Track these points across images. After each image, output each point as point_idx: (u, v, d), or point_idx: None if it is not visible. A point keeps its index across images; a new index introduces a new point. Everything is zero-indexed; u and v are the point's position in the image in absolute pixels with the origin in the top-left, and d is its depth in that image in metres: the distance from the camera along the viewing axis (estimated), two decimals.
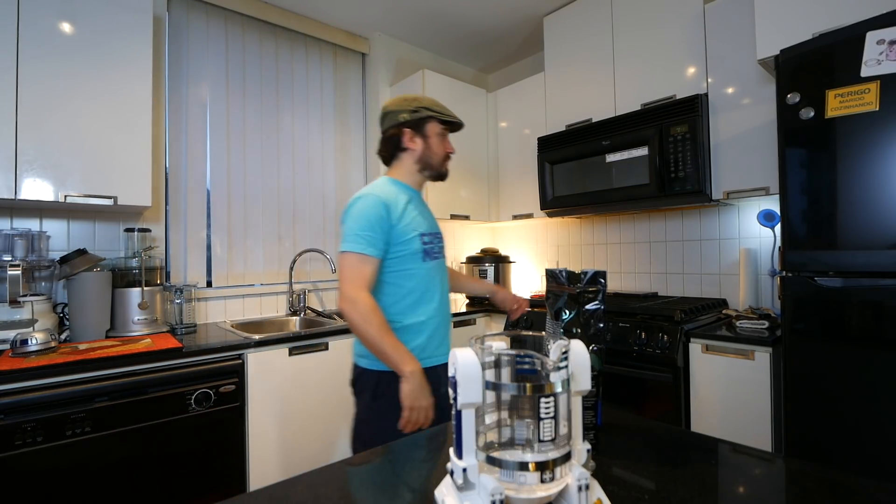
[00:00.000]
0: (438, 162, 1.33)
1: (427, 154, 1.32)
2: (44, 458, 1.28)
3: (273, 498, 0.61)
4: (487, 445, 0.51)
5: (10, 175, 1.50)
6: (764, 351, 1.51)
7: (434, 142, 1.32)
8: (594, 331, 0.69)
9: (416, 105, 1.31)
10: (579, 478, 0.48)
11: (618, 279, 2.58)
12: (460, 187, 2.78)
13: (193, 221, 2.20)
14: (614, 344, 1.80)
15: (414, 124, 1.31)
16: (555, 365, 0.48)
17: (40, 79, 1.55)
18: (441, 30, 2.77)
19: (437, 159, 1.33)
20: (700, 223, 2.24)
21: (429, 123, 1.31)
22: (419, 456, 0.75)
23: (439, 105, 1.34)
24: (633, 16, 2.18)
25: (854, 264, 1.23)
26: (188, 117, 2.19)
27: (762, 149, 1.77)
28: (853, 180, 1.22)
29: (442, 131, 1.33)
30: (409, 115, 1.30)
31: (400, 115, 1.30)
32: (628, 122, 2.08)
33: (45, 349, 1.43)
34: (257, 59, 2.43)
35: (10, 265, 1.51)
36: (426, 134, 1.31)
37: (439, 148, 1.33)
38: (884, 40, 1.17)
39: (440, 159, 1.33)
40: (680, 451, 0.74)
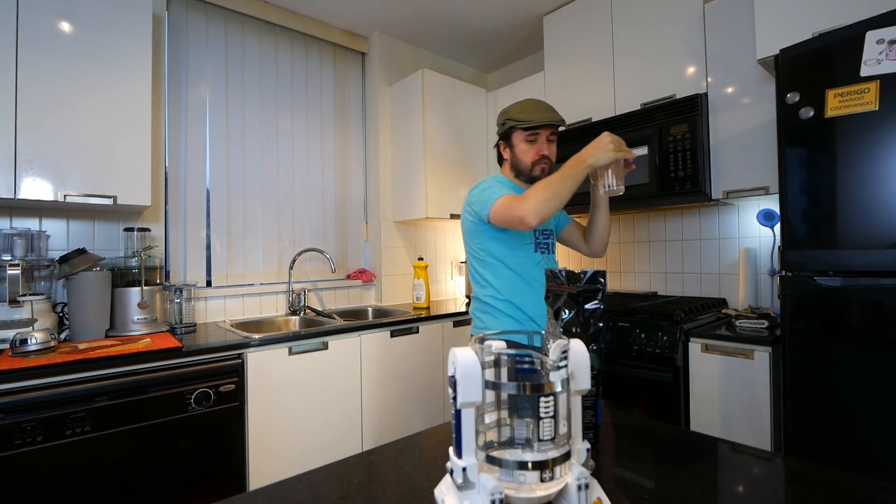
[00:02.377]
0: (526, 167, 1.39)
1: (515, 161, 1.42)
2: (43, 457, 1.28)
3: (273, 498, 0.61)
4: (487, 445, 0.51)
5: (10, 174, 1.50)
6: (763, 350, 1.51)
7: (520, 149, 1.40)
8: (594, 330, 0.69)
9: (504, 118, 1.41)
10: (579, 477, 0.48)
11: (618, 279, 2.58)
12: (460, 187, 2.78)
13: (193, 221, 2.20)
14: (614, 344, 1.80)
15: (503, 136, 1.44)
16: (554, 364, 0.48)
17: (39, 78, 1.55)
18: (441, 29, 2.77)
19: (525, 165, 1.40)
20: (700, 223, 2.25)
21: (514, 133, 1.40)
22: (419, 455, 0.75)
23: (525, 111, 1.37)
24: (632, 15, 2.18)
25: (854, 264, 1.23)
26: (188, 117, 2.19)
27: (762, 148, 1.77)
28: (853, 180, 1.22)
29: (528, 137, 1.38)
30: (500, 129, 1.44)
31: (497, 130, 1.47)
32: (628, 122, 2.08)
33: (44, 349, 1.43)
34: (257, 59, 2.42)
35: (9, 265, 1.51)
36: (512, 143, 1.41)
37: (525, 154, 1.39)
38: (884, 40, 1.17)
39: (527, 165, 1.39)
40: (680, 450, 0.74)
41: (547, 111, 1.38)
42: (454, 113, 2.75)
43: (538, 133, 1.37)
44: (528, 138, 1.38)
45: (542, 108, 1.38)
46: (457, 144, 2.77)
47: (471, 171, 2.85)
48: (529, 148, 1.38)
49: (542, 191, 1.19)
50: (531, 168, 1.39)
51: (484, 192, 1.34)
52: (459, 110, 2.79)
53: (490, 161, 2.97)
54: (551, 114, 1.37)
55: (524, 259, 1.37)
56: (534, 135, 1.37)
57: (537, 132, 1.37)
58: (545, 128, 1.38)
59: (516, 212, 1.21)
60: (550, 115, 1.37)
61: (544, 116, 1.36)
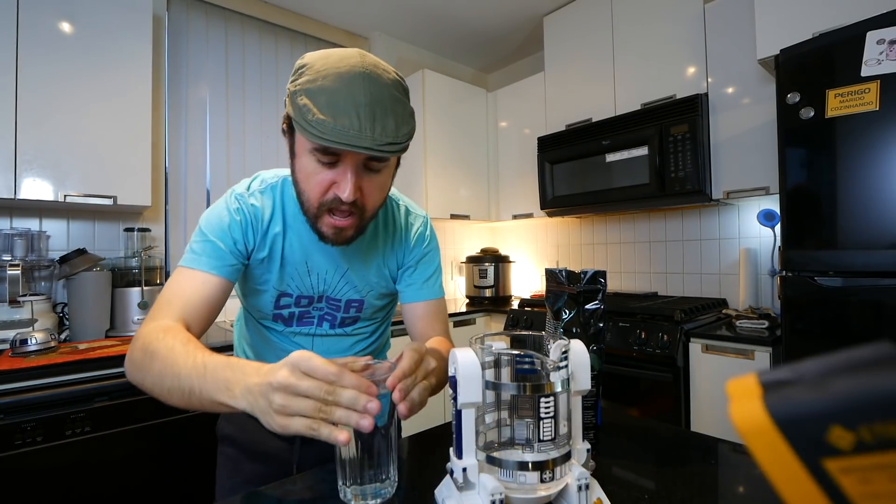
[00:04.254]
0: (310, 205, 0.69)
1: (295, 180, 0.71)
2: (44, 457, 1.28)
3: (273, 498, 0.61)
4: (487, 445, 0.51)
5: (10, 175, 1.50)
6: (764, 351, 1.51)
7: (302, 164, 0.68)
8: (594, 331, 0.69)
9: (291, 83, 0.66)
10: (579, 477, 0.48)
11: (618, 279, 2.58)
12: (460, 187, 2.78)
13: (193, 221, 2.19)
14: (614, 344, 1.80)
15: (287, 121, 0.69)
16: (555, 365, 0.48)
17: (40, 78, 1.55)
18: (441, 29, 2.77)
19: (308, 199, 0.69)
20: (700, 223, 2.24)
21: (296, 130, 0.65)
22: (419, 455, 0.75)
23: (332, 97, 0.60)
24: (633, 15, 2.18)
25: (854, 264, 1.23)
26: (188, 117, 2.19)
27: (762, 148, 1.77)
28: (853, 180, 1.22)
29: (317, 152, 0.65)
30: (286, 105, 0.66)
31: (285, 102, 0.67)
32: (628, 122, 2.08)
33: (44, 349, 1.43)
34: (257, 59, 2.42)
35: (9, 265, 1.51)
36: (295, 147, 0.69)
37: (309, 182, 0.68)
38: (884, 40, 1.17)
39: (311, 201, 0.69)
40: (680, 451, 0.74)
41: (375, 106, 0.61)
42: (454, 113, 2.76)
43: (338, 154, 0.64)
44: (321, 156, 0.65)
45: (369, 98, 0.61)
46: (457, 145, 2.77)
47: (471, 172, 2.85)
48: (320, 175, 0.66)
49: (162, 371, 0.63)
50: (317, 214, 0.69)
51: (200, 226, 0.76)
52: (459, 111, 2.79)
53: (490, 161, 2.97)
54: (376, 122, 0.61)
55: None
56: (328, 154, 0.64)
57: (336, 156, 0.65)
58: (353, 152, 0.62)
59: None
60: (372, 123, 0.60)
61: (353, 125, 0.60)
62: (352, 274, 0.83)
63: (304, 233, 0.78)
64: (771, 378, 0.17)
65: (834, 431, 0.15)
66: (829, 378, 0.16)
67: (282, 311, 0.82)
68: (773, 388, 0.17)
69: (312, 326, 0.85)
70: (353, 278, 0.83)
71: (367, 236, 0.83)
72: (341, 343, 0.87)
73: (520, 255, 3.13)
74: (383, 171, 0.70)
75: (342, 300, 0.84)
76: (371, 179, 0.69)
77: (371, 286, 0.85)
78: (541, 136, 2.45)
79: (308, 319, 0.84)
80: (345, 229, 0.70)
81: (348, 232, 0.71)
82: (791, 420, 0.16)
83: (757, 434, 0.17)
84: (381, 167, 0.69)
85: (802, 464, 0.16)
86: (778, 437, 0.17)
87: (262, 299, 0.81)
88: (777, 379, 0.17)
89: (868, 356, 0.16)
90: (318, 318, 0.85)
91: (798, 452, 0.16)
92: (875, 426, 0.15)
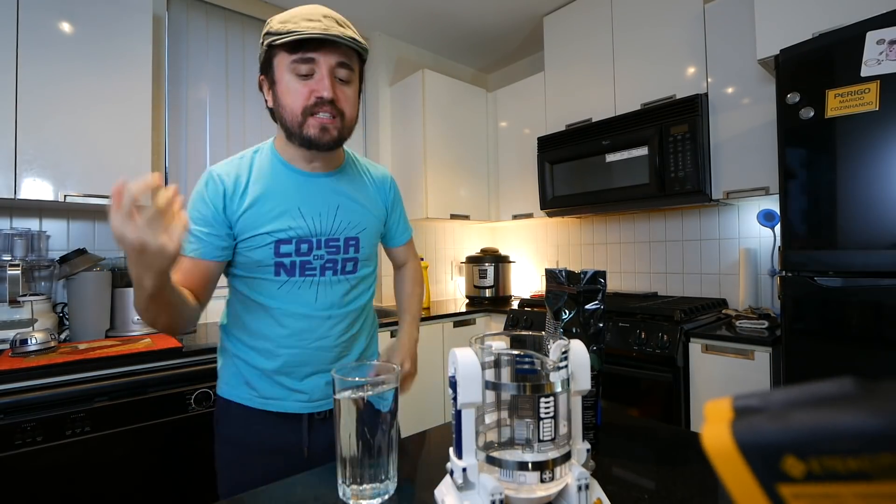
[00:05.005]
0: (294, 120, 0.81)
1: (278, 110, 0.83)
2: (44, 457, 1.28)
3: (273, 498, 0.61)
4: (487, 445, 0.51)
5: (10, 175, 1.50)
6: (764, 351, 1.51)
7: (283, 87, 0.80)
8: (594, 331, 0.69)
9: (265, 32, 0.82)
10: (579, 477, 0.48)
11: (618, 279, 2.58)
12: (460, 187, 2.78)
13: None
14: (614, 344, 1.80)
15: (263, 65, 0.84)
16: (555, 365, 0.48)
17: (40, 78, 1.55)
18: (441, 29, 2.77)
19: (290, 115, 0.81)
20: (700, 223, 2.24)
21: (275, 58, 0.81)
22: (419, 455, 0.75)
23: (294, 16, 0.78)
24: (633, 15, 2.18)
25: (854, 264, 1.23)
26: (188, 117, 2.19)
27: (762, 149, 1.77)
28: (853, 180, 1.22)
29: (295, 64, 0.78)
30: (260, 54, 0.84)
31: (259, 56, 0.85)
32: (628, 122, 2.08)
33: (44, 349, 1.43)
34: (257, 59, 2.42)
35: (9, 265, 1.51)
36: (274, 76, 0.82)
37: (290, 96, 0.80)
38: (884, 40, 1.17)
39: (295, 114, 0.80)
40: (680, 451, 0.74)
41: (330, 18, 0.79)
42: (454, 113, 2.76)
43: (313, 59, 0.78)
44: (297, 68, 0.78)
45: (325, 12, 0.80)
46: (457, 145, 2.77)
47: (471, 172, 2.85)
48: (299, 86, 0.79)
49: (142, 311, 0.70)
50: (302, 123, 0.80)
51: None
52: (460, 111, 2.79)
53: (490, 161, 2.97)
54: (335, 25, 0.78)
55: None
56: (306, 60, 0.78)
57: (311, 56, 0.78)
58: (323, 48, 0.78)
59: None
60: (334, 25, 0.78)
61: (318, 25, 0.76)
62: (344, 211, 0.90)
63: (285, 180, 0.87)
64: (742, 404, 0.19)
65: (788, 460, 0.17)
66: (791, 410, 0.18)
67: (283, 260, 0.85)
68: (743, 414, 0.19)
69: (315, 277, 0.88)
70: (346, 215, 0.91)
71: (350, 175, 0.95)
72: (342, 287, 0.92)
73: (520, 256, 3.13)
74: (352, 84, 0.84)
75: (340, 238, 0.90)
76: (342, 89, 0.82)
77: (364, 223, 0.93)
78: (541, 136, 2.45)
79: (311, 270, 0.88)
80: (328, 128, 0.81)
81: (332, 132, 0.81)
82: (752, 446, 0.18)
83: (722, 456, 0.19)
84: (349, 76, 0.83)
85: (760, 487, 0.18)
86: (740, 460, 0.18)
87: (261, 252, 0.84)
88: (747, 405, 0.19)
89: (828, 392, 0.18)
90: (321, 268, 0.88)
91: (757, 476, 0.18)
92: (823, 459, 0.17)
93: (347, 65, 0.81)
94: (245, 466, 0.88)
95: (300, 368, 0.89)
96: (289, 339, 0.88)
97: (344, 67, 0.81)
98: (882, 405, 0.16)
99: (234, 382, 0.91)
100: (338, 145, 0.85)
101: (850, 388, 0.17)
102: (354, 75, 0.84)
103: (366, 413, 0.57)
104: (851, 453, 0.16)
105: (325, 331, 0.90)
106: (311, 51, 0.77)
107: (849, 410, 0.16)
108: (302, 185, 0.88)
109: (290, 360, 0.88)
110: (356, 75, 0.85)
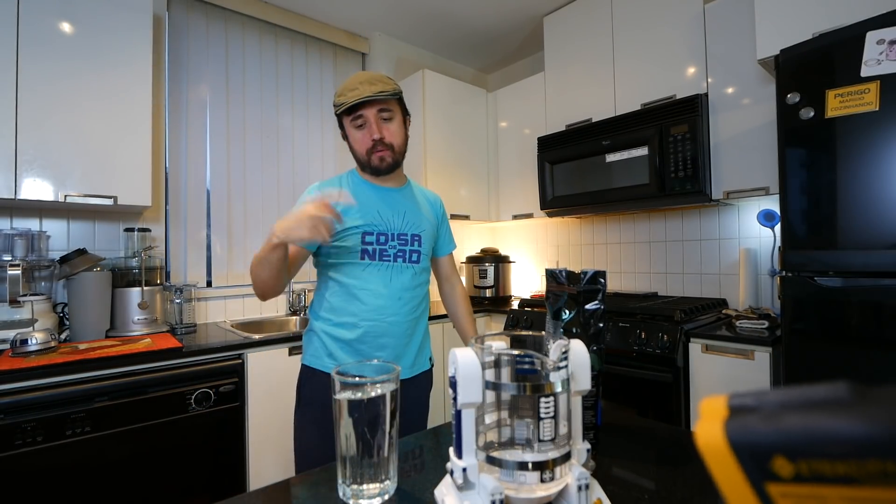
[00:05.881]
0: (363, 159, 1.17)
1: (353, 152, 1.20)
2: (44, 457, 1.28)
3: (272, 498, 0.61)
4: (487, 445, 0.51)
5: (10, 175, 1.50)
6: (764, 351, 1.51)
7: (352, 137, 1.17)
8: (594, 331, 0.69)
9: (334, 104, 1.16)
10: (579, 477, 0.48)
11: (618, 279, 2.58)
12: (460, 187, 2.78)
13: (193, 221, 2.20)
14: (614, 344, 1.80)
15: (339, 123, 1.20)
16: (555, 365, 0.48)
17: (40, 78, 1.55)
18: (441, 30, 2.77)
19: (361, 156, 1.17)
20: (700, 223, 2.24)
21: (343, 120, 1.17)
22: (419, 455, 0.75)
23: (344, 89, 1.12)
24: (633, 16, 2.18)
25: (854, 264, 1.23)
26: (188, 117, 2.19)
27: (762, 149, 1.77)
28: (853, 180, 1.22)
29: (354, 122, 1.14)
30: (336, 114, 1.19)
31: None
32: (628, 122, 2.08)
33: (44, 349, 1.43)
34: (257, 59, 2.42)
35: (10, 265, 1.51)
36: (346, 132, 1.18)
37: (358, 144, 1.16)
38: (884, 40, 1.17)
39: (363, 156, 1.16)
40: (680, 451, 0.74)
41: (366, 82, 1.10)
42: (454, 113, 2.76)
43: (361, 114, 1.11)
44: (355, 123, 1.13)
45: (362, 79, 1.12)
46: (457, 145, 2.77)
47: (471, 172, 2.85)
48: (359, 135, 1.14)
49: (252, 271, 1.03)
50: (368, 159, 1.15)
51: None
52: (460, 111, 2.79)
53: (490, 161, 2.97)
54: (369, 86, 1.09)
55: None
56: (357, 117, 1.12)
57: (360, 114, 1.11)
58: (367, 105, 1.11)
59: None
60: (368, 87, 1.09)
61: (358, 92, 1.09)
62: (409, 215, 1.20)
63: (368, 193, 1.18)
64: (737, 402, 0.20)
65: (777, 461, 0.18)
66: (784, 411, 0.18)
67: (367, 248, 1.13)
68: (737, 412, 0.19)
69: (390, 262, 1.16)
70: (411, 218, 1.20)
71: (411, 192, 1.26)
72: (408, 273, 1.18)
73: (520, 256, 3.13)
74: (394, 119, 1.15)
75: (408, 234, 1.18)
76: (387, 126, 1.14)
77: (423, 226, 1.22)
78: (541, 136, 2.45)
79: (386, 257, 1.15)
80: (384, 157, 1.14)
81: (387, 159, 1.15)
82: (744, 445, 0.19)
83: (713, 453, 0.19)
84: (390, 115, 1.14)
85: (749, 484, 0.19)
86: (731, 458, 0.19)
87: (352, 240, 1.12)
88: (742, 404, 0.20)
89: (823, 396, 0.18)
90: (394, 255, 1.16)
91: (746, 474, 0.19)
92: (811, 462, 0.17)
93: (386, 108, 1.13)
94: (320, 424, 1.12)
95: (377, 339, 1.14)
96: (369, 314, 1.13)
97: (384, 111, 1.13)
98: (873, 412, 0.16)
99: (319, 353, 1.16)
100: (395, 168, 1.18)
101: (843, 392, 0.18)
102: (394, 112, 1.15)
103: (366, 413, 0.57)
104: (840, 457, 0.16)
105: (397, 308, 1.15)
106: (359, 110, 1.11)
107: (841, 415, 0.17)
108: (380, 196, 1.19)
109: (369, 330, 1.13)
110: (397, 111, 1.15)
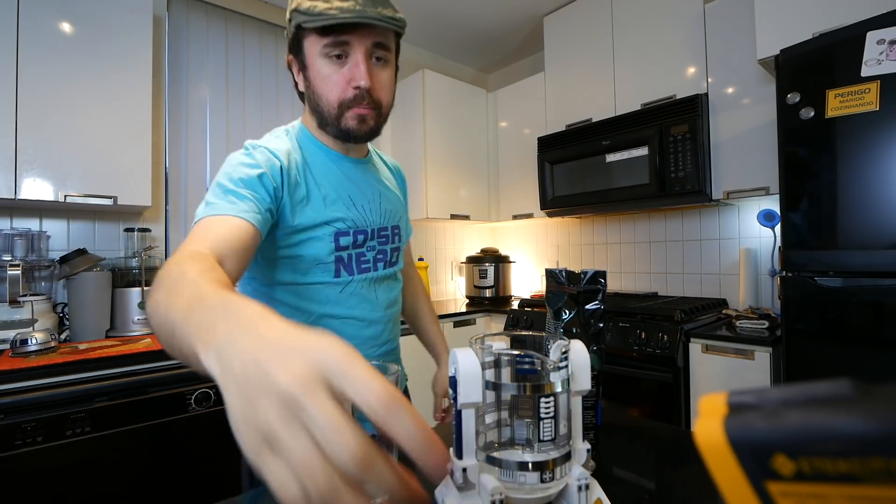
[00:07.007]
0: (330, 109, 0.74)
1: (311, 96, 0.76)
2: (44, 457, 1.28)
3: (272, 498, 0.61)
4: (487, 445, 0.51)
5: (10, 175, 1.50)
6: (764, 351, 1.51)
7: (315, 72, 0.73)
8: (594, 331, 0.69)
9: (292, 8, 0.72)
10: (579, 478, 0.48)
11: (618, 279, 2.58)
12: (460, 187, 2.78)
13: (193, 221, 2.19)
14: (614, 344, 1.80)
15: (291, 45, 0.76)
16: (555, 365, 0.48)
17: (40, 78, 1.55)
18: (441, 29, 2.77)
19: (327, 104, 0.74)
20: (700, 223, 2.24)
21: (305, 39, 0.73)
22: None
23: None
24: (633, 16, 2.18)
25: (854, 264, 1.23)
26: (188, 117, 2.19)
27: (762, 149, 1.77)
28: (853, 180, 1.22)
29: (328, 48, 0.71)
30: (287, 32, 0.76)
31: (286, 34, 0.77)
32: (628, 122, 2.08)
33: (44, 349, 1.43)
34: (257, 59, 2.42)
35: (9, 265, 1.51)
36: (305, 59, 0.75)
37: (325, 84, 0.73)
38: (884, 40, 1.17)
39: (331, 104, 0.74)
40: (680, 451, 0.74)
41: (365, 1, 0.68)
42: (454, 113, 2.76)
43: (347, 41, 0.70)
44: (331, 51, 0.71)
45: None
46: (457, 145, 2.77)
47: (471, 172, 2.85)
48: (334, 73, 0.72)
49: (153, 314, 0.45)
50: (339, 115, 0.74)
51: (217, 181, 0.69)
52: (460, 111, 2.79)
53: (490, 161, 2.97)
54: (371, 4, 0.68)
55: None
56: (340, 44, 0.70)
57: (345, 39, 0.70)
58: (359, 31, 0.70)
59: None
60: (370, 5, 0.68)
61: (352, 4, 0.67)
62: (385, 199, 0.86)
63: (331, 164, 0.80)
64: (737, 400, 0.19)
65: (778, 459, 0.18)
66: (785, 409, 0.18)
67: (342, 254, 0.77)
68: (737, 410, 0.19)
69: (370, 272, 0.82)
70: (387, 203, 0.87)
71: (377, 165, 0.91)
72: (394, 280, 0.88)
73: (520, 256, 3.13)
74: (389, 65, 0.76)
75: (388, 227, 0.86)
76: (379, 73, 0.74)
77: (399, 211, 0.90)
78: (541, 136, 2.45)
79: (365, 263, 0.81)
80: (367, 118, 0.74)
81: (370, 122, 0.75)
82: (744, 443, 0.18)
83: (713, 451, 0.19)
84: (386, 56, 0.75)
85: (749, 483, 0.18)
86: (731, 456, 0.19)
87: (320, 245, 0.75)
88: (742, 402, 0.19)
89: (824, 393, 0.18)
90: (373, 260, 0.82)
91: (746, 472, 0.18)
92: (813, 460, 0.17)
93: (384, 45, 0.73)
94: None
95: None
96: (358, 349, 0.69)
97: (380, 48, 0.73)
98: (877, 409, 0.16)
99: None
100: (374, 136, 0.78)
101: (845, 389, 0.17)
102: (391, 54, 0.76)
103: None
104: (842, 455, 0.16)
105: (390, 333, 0.85)
106: (345, 33, 0.69)
107: (843, 413, 0.16)
108: (346, 171, 0.80)
109: None
110: (392, 57, 0.77)
